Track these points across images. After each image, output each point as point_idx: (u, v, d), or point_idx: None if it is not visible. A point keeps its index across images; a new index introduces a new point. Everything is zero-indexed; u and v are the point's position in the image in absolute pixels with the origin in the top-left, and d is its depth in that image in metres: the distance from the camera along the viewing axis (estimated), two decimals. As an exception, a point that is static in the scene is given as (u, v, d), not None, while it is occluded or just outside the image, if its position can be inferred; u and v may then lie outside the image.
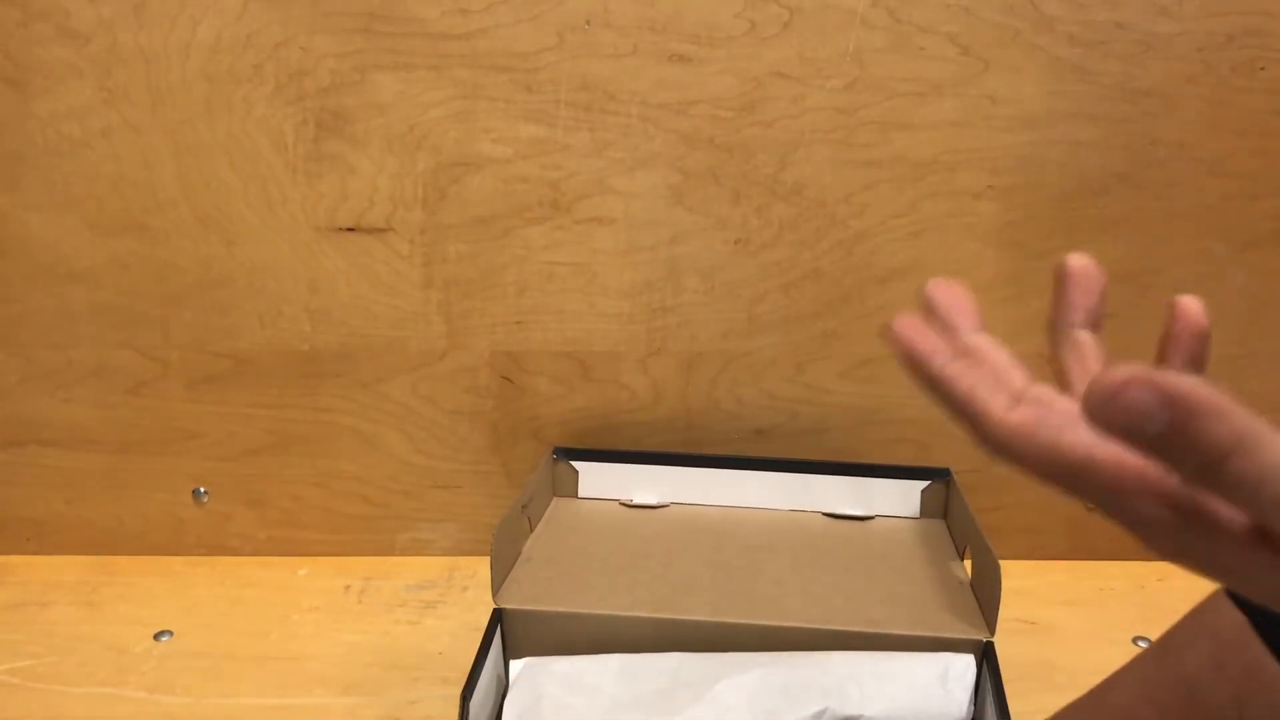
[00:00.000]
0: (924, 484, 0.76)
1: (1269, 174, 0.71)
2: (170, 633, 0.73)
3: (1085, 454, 0.25)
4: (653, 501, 0.77)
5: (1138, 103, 0.70)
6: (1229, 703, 0.34)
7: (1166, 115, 0.70)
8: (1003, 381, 0.31)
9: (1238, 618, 0.33)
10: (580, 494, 0.78)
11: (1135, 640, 0.72)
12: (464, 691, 0.55)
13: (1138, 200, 0.72)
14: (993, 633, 0.59)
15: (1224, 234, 0.73)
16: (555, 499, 0.77)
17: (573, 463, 0.77)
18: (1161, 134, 0.70)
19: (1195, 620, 0.36)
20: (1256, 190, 0.72)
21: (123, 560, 0.82)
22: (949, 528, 0.74)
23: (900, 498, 0.76)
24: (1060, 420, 0.26)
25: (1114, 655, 0.70)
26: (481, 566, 0.81)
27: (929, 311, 0.32)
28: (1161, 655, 0.37)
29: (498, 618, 0.61)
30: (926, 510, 0.76)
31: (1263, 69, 0.69)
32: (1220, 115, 0.70)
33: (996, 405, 0.29)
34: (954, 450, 0.79)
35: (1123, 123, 0.70)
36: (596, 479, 0.78)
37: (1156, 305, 0.82)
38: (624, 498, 0.78)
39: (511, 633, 0.61)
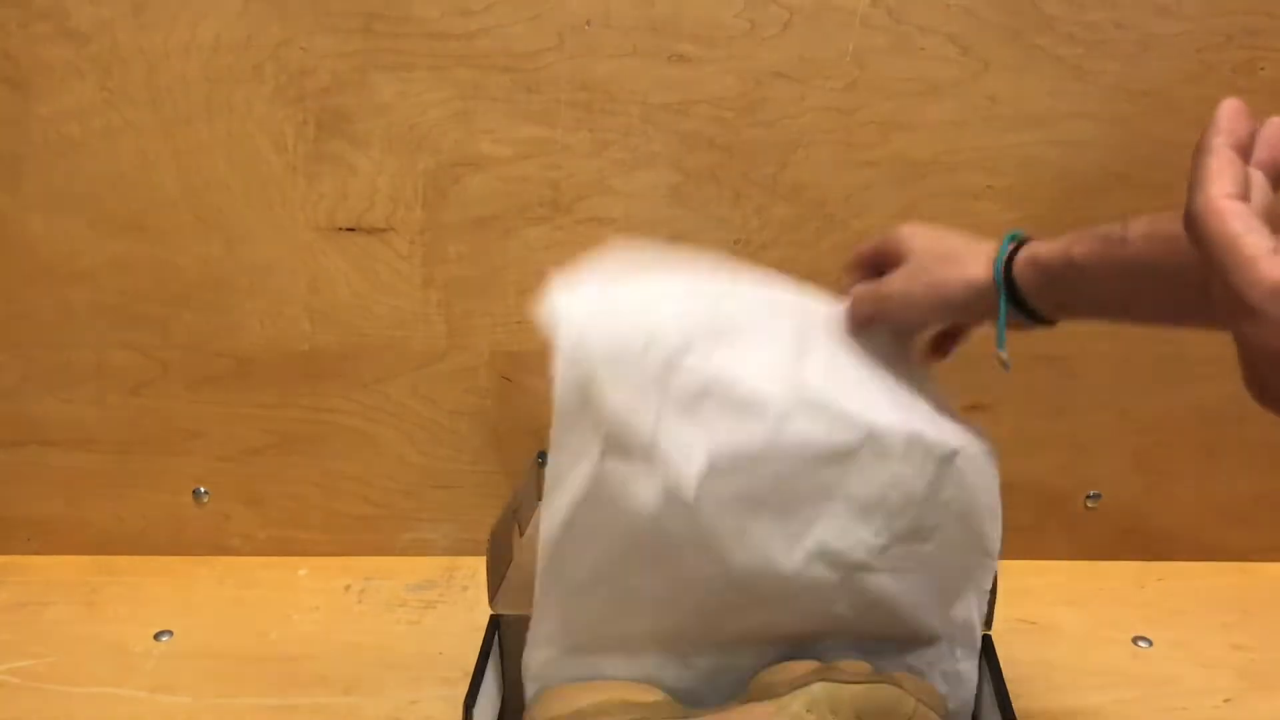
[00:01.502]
0: None
1: (1269, 174, 0.71)
2: (170, 633, 0.73)
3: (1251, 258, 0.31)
4: None
5: (1138, 103, 0.70)
6: None
7: (1166, 115, 0.70)
8: (1243, 182, 0.36)
9: None
10: None
11: (1135, 640, 0.72)
12: (466, 700, 0.55)
13: (1138, 200, 0.72)
14: (989, 627, 0.59)
15: (1224, 234, 0.73)
16: (539, 503, 0.76)
17: None
18: (1161, 134, 0.70)
19: None
20: (1256, 190, 0.72)
21: (123, 560, 0.82)
22: None
23: None
24: (1258, 225, 0.32)
25: (1114, 655, 0.70)
26: (481, 567, 0.80)
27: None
28: None
29: (495, 624, 0.61)
30: None
31: (1263, 69, 0.69)
32: (1220, 115, 0.70)
33: (1219, 188, 0.35)
34: (954, 450, 0.79)
35: (1123, 123, 0.70)
36: None
37: (1156, 305, 0.80)
38: None
39: (510, 638, 0.61)
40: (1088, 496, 0.80)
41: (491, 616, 0.61)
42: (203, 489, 0.81)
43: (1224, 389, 0.77)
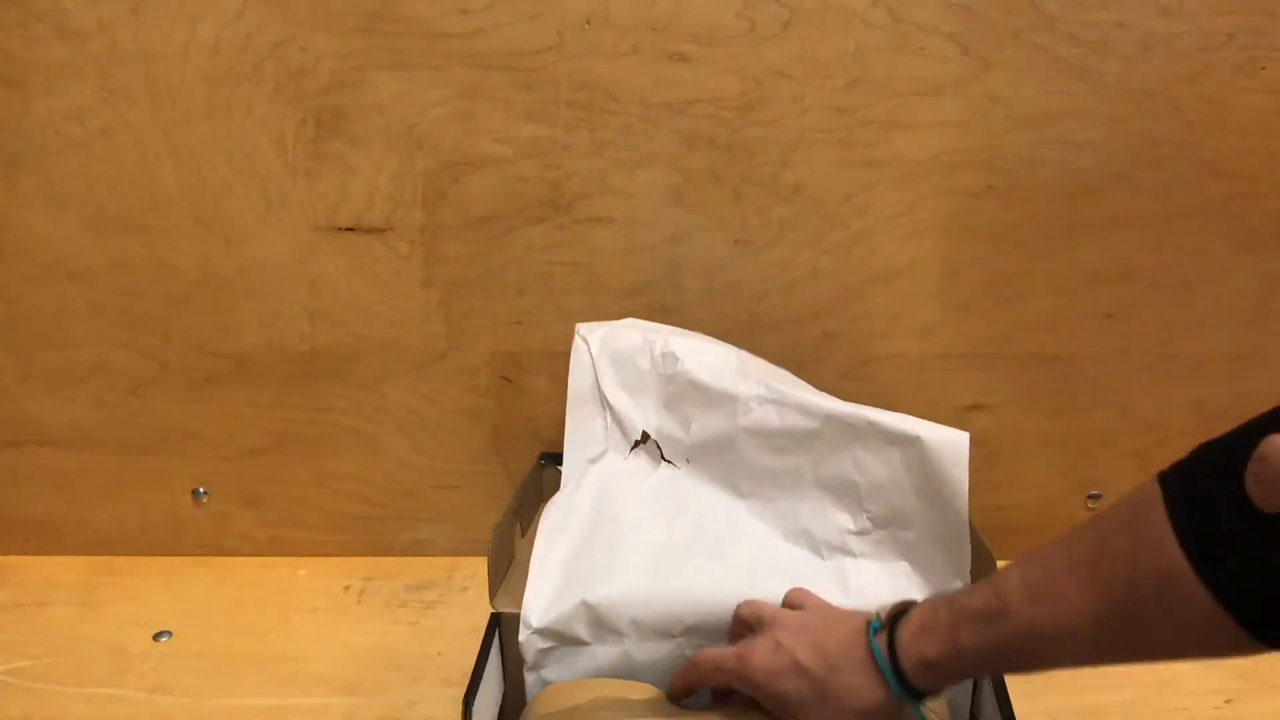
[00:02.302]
0: None
1: (1269, 174, 0.71)
2: (170, 633, 0.73)
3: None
4: None
5: (1138, 103, 0.70)
6: (1125, 556, 0.41)
7: (1166, 115, 0.70)
8: None
9: (1154, 490, 0.41)
10: None
11: (1135, 640, 0.72)
12: (465, 697, 0.55)
13: (1138, 200, 0.72)
14: None
15: (1224, 234, 0.73)
16: (544, 504, 0.76)
17: (559, 467, 0.76)
18: (1161, 134, 0.70)
19: (1129, 493, 0.43)
20: (1257, 190, 0.72)
21: (122, 560, 0.82)
22: None
23: None
24: None
25: (1114, 655, 0.70)
26: (481, 567, 0.80)
27: None
28: (1093, 519, 0.45)
29: (495, 622, 0.61)
30: None
31: (1263, 69, 0.69)
32: (1220, 115, 0.70)
33: None
34: (954, 450, 0.79)
35: (1123, 123, 0.70)
36: None
37: (1156, 305, 0.82)
38: None
39: (510, 637, 0.61)
40: (1088, 496, 0.80)
41: (492, 615, 0.61)
42: (202, 489, 0.81)
43: (1224, 389, 0.77)
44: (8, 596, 0.78)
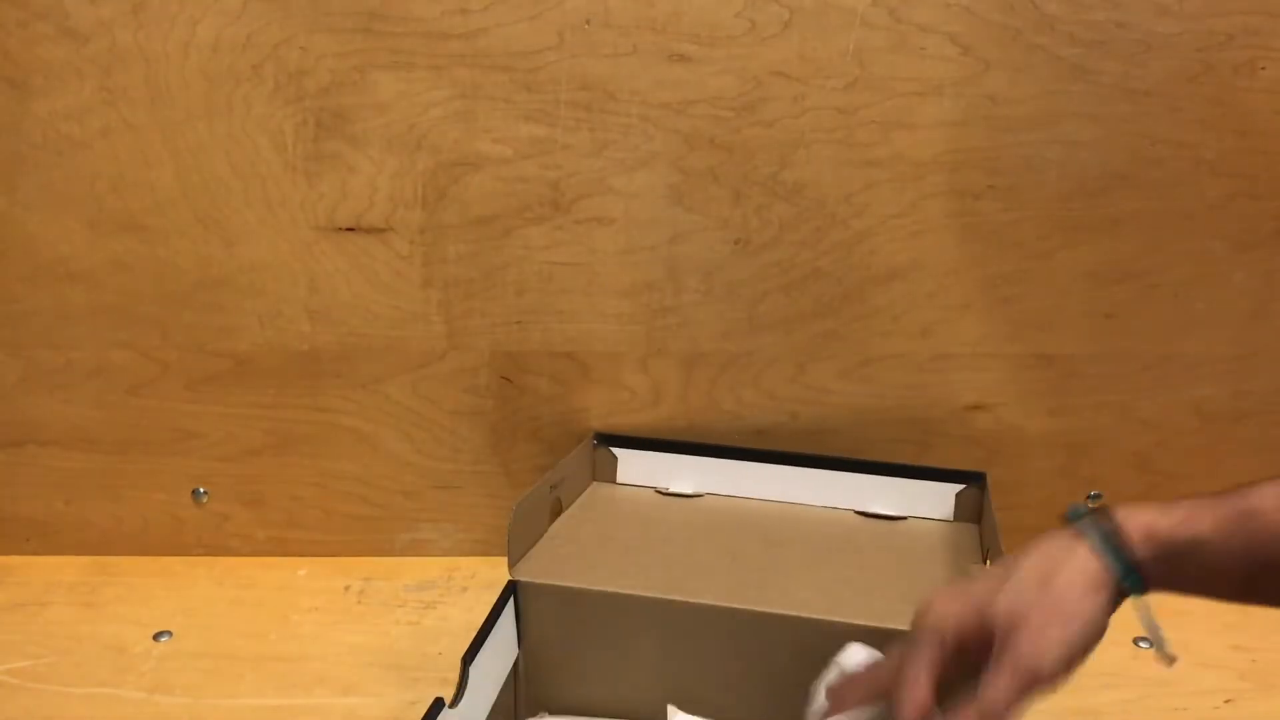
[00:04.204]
0: (959, 487, 0.75)
1: (1269, 174, 0.71)
2: (169, 633, 0.73)
3: None
4: (688, 490, 0.78)
5: (1138, 103, 0.70)
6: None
7: (1166, 115, 0.70)
8: None
9: None
10: (619, 479, 0.79)
11: (1136, 641, 0.72)
12: (465, 655, 0.55)
13: (1138, 200, 0.72)
14: None
15: (1224, 234, 0.73)
16: (594, 483, 0.78)
17: (612, 449, 0.78)
18: (1161, 134, 0.70)
19: None
20: (1257, 190, 0.72)
21: (122, 560, 0.82)
22: (981, 532, 0.73)
23: (935, 500, 0.76)
24: None
25: (1114, 655, 0.70)
26: (482, 567, 0.81)
27: None
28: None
29: (511, 590, 0.62)
30: (960, 514, 0.75)
31: (1263, 69, 0.69)
32: (1220, 115, 0.70)
33: None
34: (955, 451, 0.79)
35: (1123, 123, 0.70)
36: (635, 466, 0.79)
37: (1156, 305, 0.82)
38: (661, 486, 0.78)
39: (527, 605, 0.62)
40: (1088, 497, 0.80)
41: (509, 582, 0.62)
42: (202, 489, 0.81)
43: (1224, 389, 0.77)
44: (8, 596, 0.78)
